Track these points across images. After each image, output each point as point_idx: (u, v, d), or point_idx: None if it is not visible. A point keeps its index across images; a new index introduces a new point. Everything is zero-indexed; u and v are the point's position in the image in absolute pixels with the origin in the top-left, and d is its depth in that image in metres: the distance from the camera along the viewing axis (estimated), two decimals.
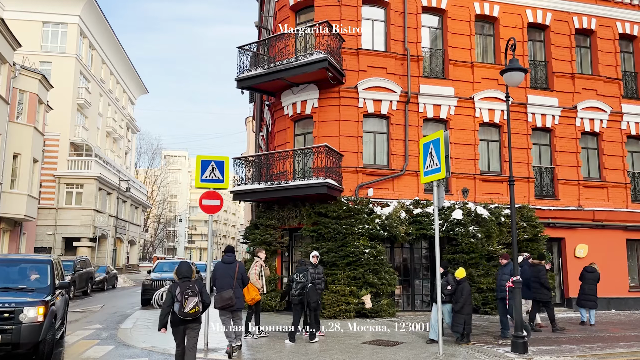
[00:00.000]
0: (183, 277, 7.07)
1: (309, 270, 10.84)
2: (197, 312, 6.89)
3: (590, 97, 18.88)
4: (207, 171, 10.04)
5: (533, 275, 12.84)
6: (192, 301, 6.83)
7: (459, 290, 10.26)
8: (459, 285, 10.30)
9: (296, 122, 17.49)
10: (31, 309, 8.08)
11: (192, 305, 6.83)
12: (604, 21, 19.55)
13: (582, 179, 18.44)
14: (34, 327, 8.02)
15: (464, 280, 10.37)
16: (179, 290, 6.85)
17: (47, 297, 8.63)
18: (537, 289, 12.83)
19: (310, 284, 10.53)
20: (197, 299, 6.87)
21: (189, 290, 6.86)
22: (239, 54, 16.90)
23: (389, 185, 16.58)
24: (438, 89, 17.45)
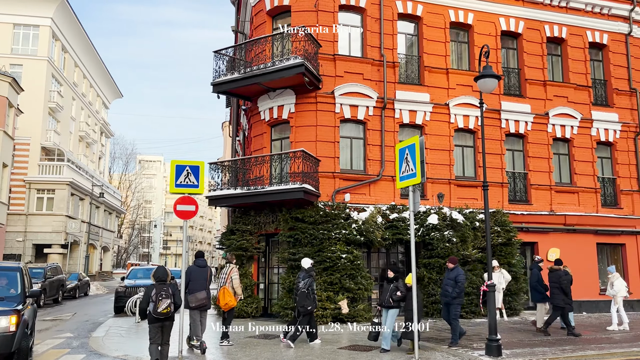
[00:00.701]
0: (159, 280, 7.97)
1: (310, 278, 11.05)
2: (169, 312, 7.81)
3: (561, 104, 19.30)
4: (182, 176, 9.92)
5: (552, 281, 12.97)
6: (165, 302, 7.76)
7: (409, 297, 9.84)
8: (408, 291, 9.93)
9: (273, 127, 17.44)
10: (3, 318, 7.76)
11: (165, 306, 7.76)
12: (575, 30, 20.04)
13: (554, 184, 18.80)
14: (6, 337, 7.70)
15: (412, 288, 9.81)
16: (154, 291, 7.81)
17: (18, 305, 8.38)
18: (556, 294, 12.89)
19: (301, 290, 10.81)
20: (170, 301, 7.80)
21: (163, 293, 7.81)
22: (215, 58, 16.81)
23: (365, 191, 16.65)
24: (414, 95, 17.62)
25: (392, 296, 9.90)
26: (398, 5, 17.96)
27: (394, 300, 9.94)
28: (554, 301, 12.95)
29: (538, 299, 13.50)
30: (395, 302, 9.99)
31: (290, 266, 15.14)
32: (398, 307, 10.10)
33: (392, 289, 9.93)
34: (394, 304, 10.00)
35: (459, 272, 11.03)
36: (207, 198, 16.38)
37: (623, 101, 20.31)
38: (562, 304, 12.84)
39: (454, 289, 10.85)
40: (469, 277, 15.79)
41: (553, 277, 13.01)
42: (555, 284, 12.90)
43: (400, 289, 10.01)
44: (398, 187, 10.36)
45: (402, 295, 9.94)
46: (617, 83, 20.33)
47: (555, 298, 12.91)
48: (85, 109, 47.11)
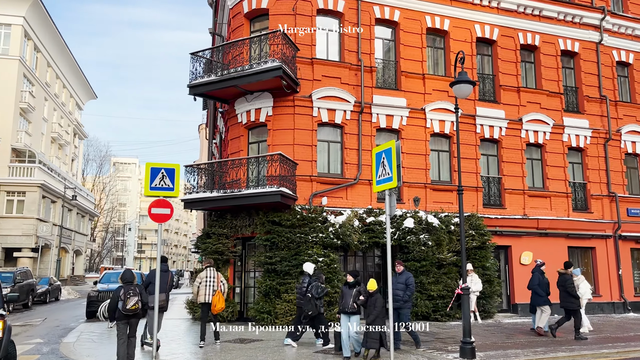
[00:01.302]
0: (126, 282, 8.76)
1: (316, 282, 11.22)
2: (136, 309, 8.54)
3: (534, 110, 19.68)
4: (157, 179, 9.79)
5: (560, 284, 13.16)
6: (132, 300, 8.49)
7: (371, 303, 9.64)
8: (370, 297, 9.68)
9: (250, 130, 17.38)
10: None
11: (133, 303, 8.48)
12: (547, 38, 20.48)
13: (527, 189, 19.14)
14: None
15: (376, 292, 9.74)
16: (122, 291, 8.54)
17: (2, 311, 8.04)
18: (564, 297, 13.06)
19: (308, 294, 11.05)
20: (137, 299, 8.55)
21: (131, 292, 8.56)
22: (192, 60, 16.67)
23: (342, 194, 16.70)
24: (391, 100, 17.76)
25: (355, 301, 9.65)
26: (375, 10, 18.11)
27: (358, 305, 9.69)
28: (565, 305, 13.07)
29: (539, 302, 13.52)
30: (358, 307, 9.73)
31: (267, 270, 15.07)
32: (358, 312, 9.79)
33: (355, 294, 9.68)
34: (357, 309, 9.73)
35: (408, 275, 10.94)
36: (182, 201, 16.21)
37: (593, 108, 20.81)
38: (574, 307, 12.97)
39: (404, 293, 10.65)
40: (444, 280, 15.96)
41: (560, 281, 13.22)
42: (562, 288, 13.11)
43: (362, 293, 9.75)
44: (375, 190, 10.42)
45: (365, 299, 9.68)
46: (588, 90, 20.83)
47: (566, 302, 13.04)
48: (58, 110, 46.18)
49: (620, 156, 20.91)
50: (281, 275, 14.78)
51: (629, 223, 20.30)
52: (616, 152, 20.83)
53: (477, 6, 19.44)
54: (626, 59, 21.75)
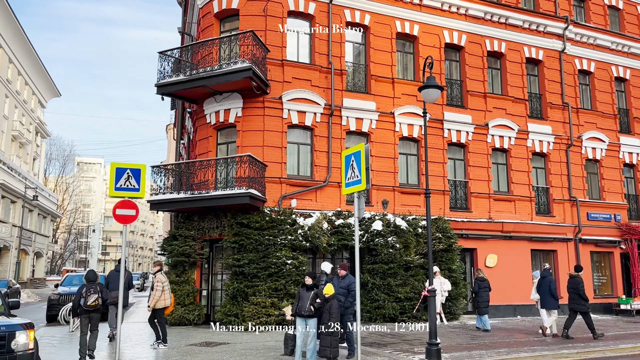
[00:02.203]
0: (89, 281, 10.00)
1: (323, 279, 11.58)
2: (97, 305, 9.76)
3: (500, 115, 20.11)
4: (122, 179, 9.59)
5: (571, 287, 13.64)
6: (93, 297, 9.72)
7: (326, 308, 9.25)
8: (326, 302, 9.28)
9: (219, 131, 17.21)
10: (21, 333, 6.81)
11: (93, 299, 9.71)
12: (513, 45, 20.97)
13: (492, 193, 19.53)
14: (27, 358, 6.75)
15: (332, 297, 9.38)
16: (85, 289, 9.80)
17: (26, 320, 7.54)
18: (575, 299, 13.53)
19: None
20: (97, 296, 9.78)
21: (92, 289, 9.81)
22: (160, 59, 16.41)
23: (312, 196, 16.69)
24: (360, 103, 17.87)
25: (313, 304, 9.19)
26: (346, 13, 18.20)
27: (315, 308, 9.25)
28: (575, 306, 13.54)
29: (554, 306, 13.93)
30: (315, 310, 9.26)
31: (235, 272, 14.94)
32: (315, 315, 9.31)
33: (312, 297, 9.25)
34: (314, 313, 9.28)
35: (351, 280, 10.45)
36: (149, 202, 15.92)
37: (556, 115, 21.41)
38: (584, 308, 13.45)
39: (347, 299, 10.27)
40: (411, 282, 16.12)
41: (572, 284, 13.68)
42: (573, 290, 13.59)
43: (320, 296, 9.34)
44: (344, 193, 10.44)
45: (321, 303, 9.24)
46: (551, 97, 21.42)
47: (576, 303, 13.53)
48: (19, 107, 44.78)
49: (581, 162, 21.56)
50: (249, 277, 14.67)
51: (589, 227, 20.93)
52: (577, 158, 21.47)
53: (445, 12, 19.76)
54: (588, 67, 22.46)
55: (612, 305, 20.66)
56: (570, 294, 13.77)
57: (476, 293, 15.17)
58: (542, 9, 21.73)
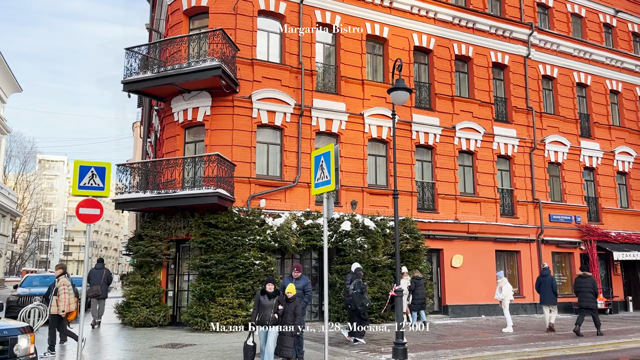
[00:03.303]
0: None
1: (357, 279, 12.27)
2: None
3: (466, 118, 20.47)
4: (87, 177, 9.35)
5: (585, 286, 14.42)
6: None
7: (289, 309, 8.92)
8: (289, 302, 8.96)
9: (187, 130, 16.97)
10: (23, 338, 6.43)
11: None
12: (480, 50, 21.38)
13: (458, 194, 19.86)
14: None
15: (295, 298, 9.07)
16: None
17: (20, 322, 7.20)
18: (589, 298, 14.37)
19: (355, 291, 11.99)
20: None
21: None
22: (127, 55, 16.08)
23: (281, 197, 16.64)
24: (330, 104, 17.91)
25: (277, 312, 8.75)
26: (317, 14, 18.22)
27: (280, 316, 8.79)
28: (589, 304, 14.36)
29: (555, 301, 15.15)
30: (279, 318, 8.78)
31: (202, 273, 14.75)
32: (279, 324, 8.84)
33: (275, 305, 8.79)
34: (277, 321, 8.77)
35: (306, 281, 10.39)
36: (114, 201, 15.58)
37: (521, 118, 21.93)
38: (595, 305, 14.56)
39: (301, 299, 9.99)
40: (379, 282, 16.24)
41: (588, 283, 14.48)
42: (589, 289, 14.41)
43: (281, 302, 8.92)
44: (313, 193, 10.45)
45: (283, 310, 8.86)
46: (516, 101, 21.93)
47: (589, 301, 14.36)
48: None
49: (544, 164, 22.15)
50: (216, 278, 14.51)
51: (551, 228, 21.52)
52: (540, 161, 22.04)
53: (415, 16, 20.00)
54: (551, 73, 23.09)
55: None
56: (583, 293, 14.48)
57: (413, 291, 15.56)
58: (508, 15, 22.23)
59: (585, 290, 14.46)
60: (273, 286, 9.00)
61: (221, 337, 12.97)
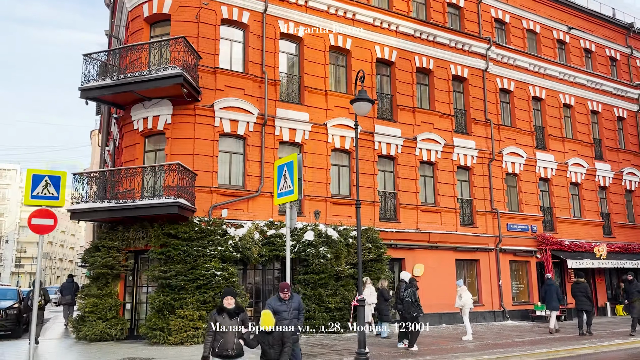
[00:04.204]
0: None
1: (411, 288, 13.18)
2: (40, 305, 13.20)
3: (427, 129, 20.84)
4: (40, 187, 9.04)
5: (579, 291, 16.28)
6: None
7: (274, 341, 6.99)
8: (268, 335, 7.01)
9: (147, 138, 16.63)
10: None
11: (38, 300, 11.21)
12: (440, 62, 21.86)
13: (420, 204, 20.13)
14: None
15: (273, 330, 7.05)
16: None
17: None
18: (583, 301, 16.19)
19: (409, 299, 12.83)
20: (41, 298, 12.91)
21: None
22: (84, 62, 15.65)
23: (243, 206, 16.48)
24: (294, 114, 17.91)
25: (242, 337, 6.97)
26: (280, 24, 18.25)
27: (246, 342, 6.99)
28: (584, 307, 16.16)
29: (557, 307, 17.14)
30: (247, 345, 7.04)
31: (161, 285, 14.39)
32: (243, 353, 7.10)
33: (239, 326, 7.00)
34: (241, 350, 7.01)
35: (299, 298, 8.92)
36: (69, 211, 15.07)
37: (479, 130, 22.49)
38: (590, 308, 16.28)
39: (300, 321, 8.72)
40: (342, 292, 16.23)
41: (581, 288, 16.36)
42: (583, 293, 16.22)
43: (245, 322, 7.16)
44: (276, 203, 10.42)
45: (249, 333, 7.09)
46: (475, 114, 22.48)
47: (584, 304, 16.15)
48: None
49: (502, 175, 22.73)
50: (176, 290, 14.19)
51: (509, 237, 22.06)
52: (498, 172, 22.62)
53: (377, 28, 20.29)
54: (508, 86, 23.80)
55: (529, 311, 21.82)
56: (578, 297, 16.29)
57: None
58: (467, 29, 22.84)
59: (579, 295, 16.25)
60: (233, 301, 7.05)
61: (180, 350, 12.68)
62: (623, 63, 29.06)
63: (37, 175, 9.04)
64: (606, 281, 25.52)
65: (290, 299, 8.47)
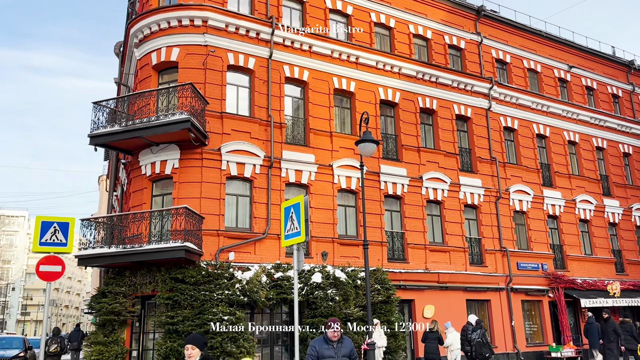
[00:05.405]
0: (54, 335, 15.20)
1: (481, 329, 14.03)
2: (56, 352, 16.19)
3: (433, 169, 20.90)
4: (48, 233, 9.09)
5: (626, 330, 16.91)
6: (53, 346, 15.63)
7: None
8: None
9: (154, 183, 16.77)
10: None
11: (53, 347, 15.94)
12: (443, 103, 22.14)
13: (428, 244, 19.97)
14: None
15: None
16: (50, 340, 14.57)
17: None
18: (629, 340, 16.84)
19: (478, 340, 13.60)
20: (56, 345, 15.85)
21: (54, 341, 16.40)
22: (94, 109, 15.99)
23: (250, 249, 16.41)
24: (299, 156, 18.07)
25: None
26: (285, 69, 18.65)
27: None
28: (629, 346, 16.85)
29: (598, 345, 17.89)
30: None
31: (168, 330, 14.19)
32: None
33: None
34: None
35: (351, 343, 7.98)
36: (77, 257, 15.05)
37: (485, 168, 22.53)
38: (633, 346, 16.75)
39: None
40: (351, 335, 15.89)
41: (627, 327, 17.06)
42: (629, 332, 16.89)
43: None
44: (283, 245, 10.36)
45: None
46: (480, 152, 22.58)
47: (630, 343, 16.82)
48: None
49: (510, 213, 22.60)
50: (183, 336, 13.97)
51: (519, 276, 21.72)
52: (506, 210, 22.50)
53: (380, 71, 20.68)
54: (512, 124, 23.97)
55: (544, 353, 21.24)
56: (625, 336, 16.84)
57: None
58: (469, 70, 23.22)
59: (625, 335, 16.76)
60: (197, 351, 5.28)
61: None
62: (625, 100, 29.30)
63: (46, 222, 9.10)
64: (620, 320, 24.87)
65: (340, 342, 7.05)
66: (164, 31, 17.41)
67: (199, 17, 17.29)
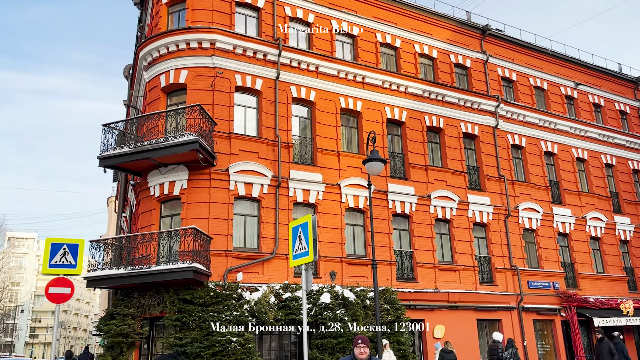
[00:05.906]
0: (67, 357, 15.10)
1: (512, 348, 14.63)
2: None
3: (441, 187, 20.84)
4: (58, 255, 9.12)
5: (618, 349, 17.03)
6: None
7: None
8: None
9: (163, 203, 16.84)
10: None
11: None
12: (450, 121, 22.16)
13: (437, 262, 19.80)
14: None
15: None
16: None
17: None
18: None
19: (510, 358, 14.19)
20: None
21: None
22: (103, 131, 16.17)
23: (259, 269, 16.35)
24: (307, 175, 18.10)
25: None
26: (292, 90, 18.81)
27: None
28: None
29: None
30: None
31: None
32: None
33: None
34: None
35: None
36: (85, 279, 15.07)
37: (493, 186, 22.42)
38: None
39: None
40: None
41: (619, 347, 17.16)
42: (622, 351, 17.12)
43: None
44: (291, 265, 10.33)
45: None
46: (488, 170, 22.51)
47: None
48: None
49: (519, 231, 22.40)
50: (192, 357, 13.87)
51: (530, 295, 21.43)
52: (515, 228, 22.32)
53: (386, 90, 20.79)
54: (519, 142, 23.92)
55: None
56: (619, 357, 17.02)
57: None
58: (475, 88, 23.29)
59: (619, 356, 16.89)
60: None
61: None
62: (633, 116, 29.22)
63: (56, 244, 9.14)
64: (635, 339, 24.45)
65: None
66: (172, 54, 17.67)
67: (207, 40, 17.54)
